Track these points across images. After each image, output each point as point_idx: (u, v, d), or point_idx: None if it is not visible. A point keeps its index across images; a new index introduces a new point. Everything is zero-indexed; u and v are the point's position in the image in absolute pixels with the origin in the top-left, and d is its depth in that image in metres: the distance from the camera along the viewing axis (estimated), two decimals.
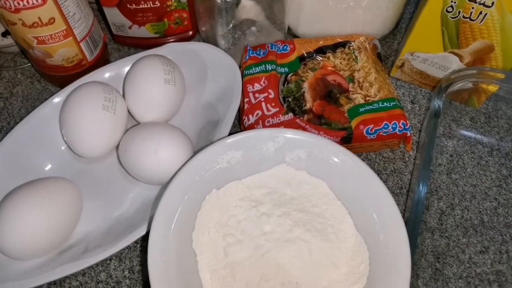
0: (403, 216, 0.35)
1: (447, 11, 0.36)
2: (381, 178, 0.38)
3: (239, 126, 0.40)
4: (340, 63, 0.40)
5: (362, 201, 0.31)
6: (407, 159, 0.40)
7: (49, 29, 0.35)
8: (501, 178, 0.39)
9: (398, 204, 0.37)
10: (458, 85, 0.38)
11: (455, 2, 0.35)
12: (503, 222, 0.36)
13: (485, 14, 0.35)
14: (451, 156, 0.40)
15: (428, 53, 0.40)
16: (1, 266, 0.31)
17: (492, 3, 0.34)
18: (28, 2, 0.33)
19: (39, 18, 0.34)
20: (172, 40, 0.46)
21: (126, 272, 0.34)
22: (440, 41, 0.38)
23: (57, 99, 0.37)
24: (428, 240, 0.35)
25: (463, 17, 0.36)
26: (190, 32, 0.47)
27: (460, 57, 0.39)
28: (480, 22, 0.35)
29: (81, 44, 0.39)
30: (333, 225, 0.31)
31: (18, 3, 0.32)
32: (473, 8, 0.35)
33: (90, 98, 0.35)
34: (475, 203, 0.37)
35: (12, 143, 0.35)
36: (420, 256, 0.34)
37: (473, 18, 0.35)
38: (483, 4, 0.34)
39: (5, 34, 0.42)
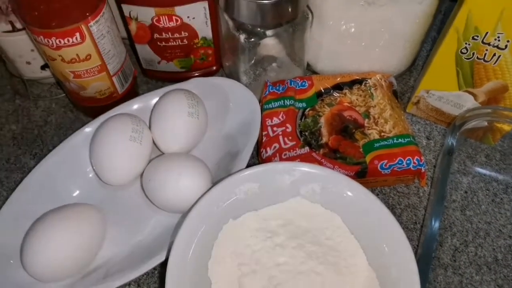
0: (416, 252, 0.35)
1: (461, 52, 0.37)
2: (395, 213, 0.39)
3: (257, 158, 0.42)
4: (356, 99, 0.42)
5: (375, 236, 0.32)
6: (421, 194, 0.40)
7: (85, 64, 0.38)
8: None
9: (411, 240, 0.38)
10: (472, 123, 0.39)
11: (469, 44, 0.36)
12: None
13: (499, 56, 0.36)
14: (466, 192, 0.40)
15: (443, 91, 0.41)
16: (29, 286, 0.33)
17: (506, 46, 0.35)
18: (68, 41, 0.36)
19: (77, 55, 0.37)
20: (197, 74, 0.49)
21: None
22: (455, 80, 0.39)
23: (87, 129, 0.40)
24: (441, 277, 0.35)
25: (477, 58, 0.37)
26: (214, 67, 0.49)
27: (474, 96, 0.40)
28: (494, 64, 0.36)
29: (113, 78, 0.42)
30: (346, 259, 0.32)
31: (60, 41, 0.36)
32: (487, 50, 0.36)
33: (119, 129, 0.37)
34: (489, 241, 0.37)
35: (44, 170, 0.38)
36: None
37: (487, 60, 0.36)
38: (497, 47, 0.35)
39: (44, 67, 0.46)
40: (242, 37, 0.39)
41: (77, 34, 0.36)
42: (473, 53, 0.37)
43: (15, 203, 0.36)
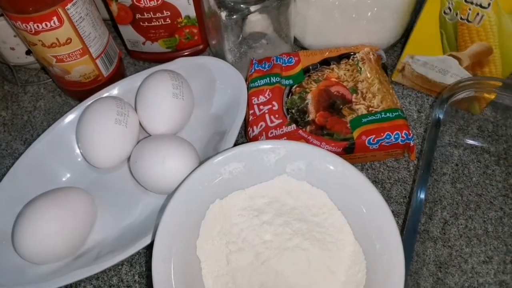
0: (404, 225, 0.35)
1: (445, 13, 0.36)
2: (384, 188, 0.39)
3: (245, 136, 0.42)
4: (344, 74, 0.41)
5: (360, 211, 0.32)
6: (411, 168, 0.40)
7: (66, 48, 0.38)
8: (508, 188, 0.38)
9: (401, 214, 0.38)
10: (460, 95, 0.38)
11: (452, 4, 0.35)
12: (508, 232, 0.36)
13: (482, 16, 0.35)
14: (457, 165, 0.40)
15: (427, 56, 0.40)
16: (21, 270, 0.33)
17: (489, 4, 0.34)
18: (46, 25, 0.35)
19: (57, 39, 0.37)
20: (185, 54, 0.48)
21: (136, 277, 0.35)
22: (439, 43, 0.39)
23: (73, 114, 0.40)
24: (430, 250, 0.35)
25: (461, 18, 0.36)
26: (201, 46, 0.49)
27: (459, 60, 0.39)
28: (478, 24, 0.36)
29: (97, 61, 0.41)
30: (332, 235, 0.32)
31: (38, 26, 0.35)
32: (470, 9, 0.35)
33: (104, 112, 0.37)
34: (479, 213, 0.37)
35: (33, 154, 0.38)
36: (422, 265, 0.35)
37: (470, 20, 0.36)
38: (480, 6, 0.34)
39: (29, 52, 0.45)
40: (223, 14, 0.39)
41: (55, 18, 0.35)
42: (457, 13, 0.36)
43: (6, 188, 0.36)
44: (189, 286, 0.30)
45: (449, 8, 0.36)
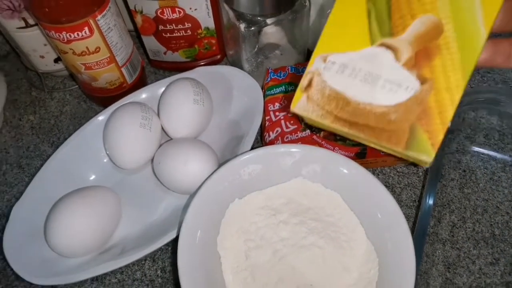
0: (414, 228, 0.37)
1: None
2: (395, 192, 0.41)
3: (261, 141, 0.44)
4: None
5: (372, 212, 0.33)
6: (420, 174, 0.42)
7: (95, 57, 0.40)
8: None
9: (410, 217, 0.39)
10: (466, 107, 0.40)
11: None
12: None
13: None
14: (464, 171, 0.42)
15: (349, 52, 0.26)
16: (52, 262, 0.36)
17: None
18: (78, 35, 0.38)
19: (87, 48, 0.39)
20: (202, 63, 0.51)
21: (159, 272, 0.37)
22: (365, 28, 0.26)
23: (100, 118, 0.42)
24: (439, 251, 0.37)
25: None
26: (218, 56, 0.51)
27: (395, 51, 0.25)
28: None
29: (122, 69, 0.44)
30: (346, 234, 0.34)
31: (70, 35, 0.38)
32: None
33: (130, 117, 0.39)
34: (486, 217, 0.39)
35: (61, 156, 0.40)
36: (431, 265, 0.36)
37: None
38: None
39: (57, 60, 0.48)
40: (242, 26, 0.41)
41: (86, 28, 0.38)
42: None
43: (36, 188, 0.39)
44: (210, 279, 0.32)
45: None
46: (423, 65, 0.24)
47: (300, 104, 0.26)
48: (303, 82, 0.26)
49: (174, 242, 0.37)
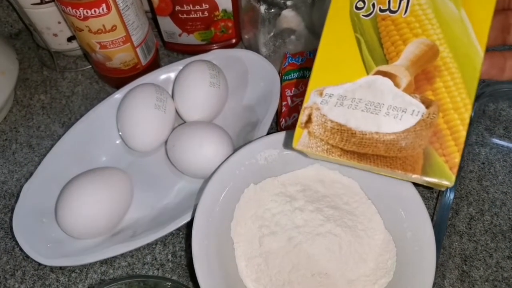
0: (432, 220, 0.36)
1: (357, 7, 0.26)
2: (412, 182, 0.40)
3: (276, 127, 0.43)
4: None
5: (391, 201, 0.33)
6: None
7: (111, 35, 0.40)
8: None
9: (428, 208, 0.38)
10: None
11: None
12: None
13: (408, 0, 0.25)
14: (483, 163, 0.41)
15: (344, 84, 0.25)
16: (61, 243, 0.35)
17: None
18: (95, 11, 0.37)
19: (103, 26, 0.38)
20: (217, 47, 0.50)
21: (170, 256, 0.37)
22: (357, 58, 0.25)
23: (114, 98, 0.41)
24: (456, 243, 0.36)
25: (380, 10, 0.25)
26: (234, 40, 0.50)
27: (393, 78, 0.25)
28: (405, 13, 0.25)
29: (137, 49, 0.43)
30: (363, 223, 0.33)
31: (87, 12, 0.37)
32: None
33: (144, 98, 0.38)
34: (505, 210, 0.38)
35: (73, 136, 0.40)
36: (448, 258, 0.36)
37: (393, 9, 0.25)
38: None
39: (70, 39, 0.47)
40: (263, 8, 0.40)
41: (103, 5, 0.37)
42: (373, 5, 0.26)
43: (47, 168, 0.38)
44: (223, 264, 0.32)
45: (362, 1, 0.26)
46: (425, 88, 0.24)
47: (303, 141, 0.26)
48: (302, 118, 0.26)
49: (186, 227, 0.37)
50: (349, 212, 0.34)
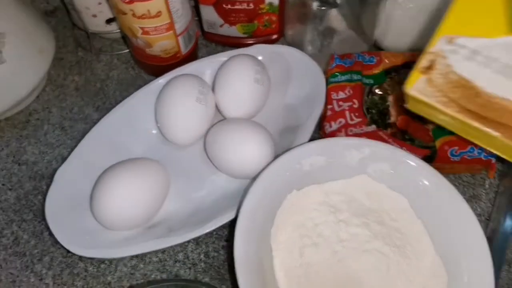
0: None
1: None
2: None
3: (317, 131, 0.41)
4: None
5: (444, 224, 0.31)
6: (487, 186, 0.39)
7: (155, 21, 0.38)
8: None
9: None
10: None
11: None
12: None
13: None
14: None
15: (481, 38, 0.23)
16: (94, 233, 0.34)
17: None
18: None
19: (148, 11, 0.37)
20: (257, 41, 0.48)
21: (202, 256, 0.35)
22: (501, 13, 0.23)
23: (153, 86, 0.40)
24: (504, 273, 0.34)
25: None
26: (275, 36, 0.48)
27: None
28: None
29: (179, 37, 0.41)
30: (411, 243, 0.32)
31: None
32: None
33: (186, 90, 0.37)
34: None
35: (110, 123, 0.38)
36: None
37: None
38: None
39: (109, 21, 0.45)
40: (315, 4, 0.38)
41: None
42: None
43: (81, 153, 0.37)
44: (261, 272, 0.30)
45: None
46: None
47: (418, 86, 0.23)
48: (422, 62, 0.23)
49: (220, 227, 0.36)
50: (397, 230, 0.32)
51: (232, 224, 0.31)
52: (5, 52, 0.39)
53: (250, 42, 0.48)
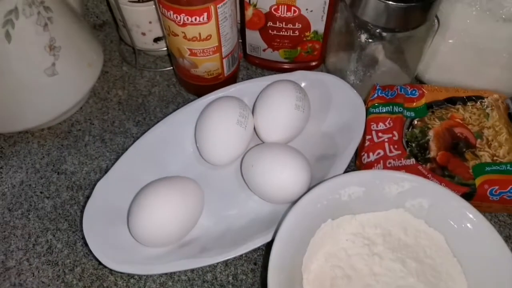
0: None
1: None
2: None
3: (354, 161, 0.41)
4: (470, 117, 0.39)
5: (481, 266, 0.30)
6: None
7: (203, 44, 0.39)
8: None
9: None
10: None
11: None
12: None
13: None
14: None
15: None
16: (128, 248, 0.34)
17: None
18: (195, 19, 0.36)
19: (199, 34, 0.38)
20: (296, 67, 0.48)
21: (230, 278, 0.35)
22: None
23: (195, 106, 0.40)
24: None
25: None
26: (315, 62, 0.49)
27: None
28: None
29: (224, 60, 0.42)
30: (446, 281, 0.31)
31: (187, 19, 0.36)
32: None
33: (228, 112, 0.37)
34: None
35: (151, 139, 0.39)
36: None
37: None
38: None
39: (157, 40, 0.47)
40: (364, 36, 0.38)
41: (205, 14, 0.36)
42: None
43: (122, 168, 0.37)
44: None
45: None
46: None
47: None
48: None
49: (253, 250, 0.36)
50: (432, 267, 0.31)
51: (262, 247, 0.31)
52: (58, 65, 0.41)
53: (290, 67, 0.48)
